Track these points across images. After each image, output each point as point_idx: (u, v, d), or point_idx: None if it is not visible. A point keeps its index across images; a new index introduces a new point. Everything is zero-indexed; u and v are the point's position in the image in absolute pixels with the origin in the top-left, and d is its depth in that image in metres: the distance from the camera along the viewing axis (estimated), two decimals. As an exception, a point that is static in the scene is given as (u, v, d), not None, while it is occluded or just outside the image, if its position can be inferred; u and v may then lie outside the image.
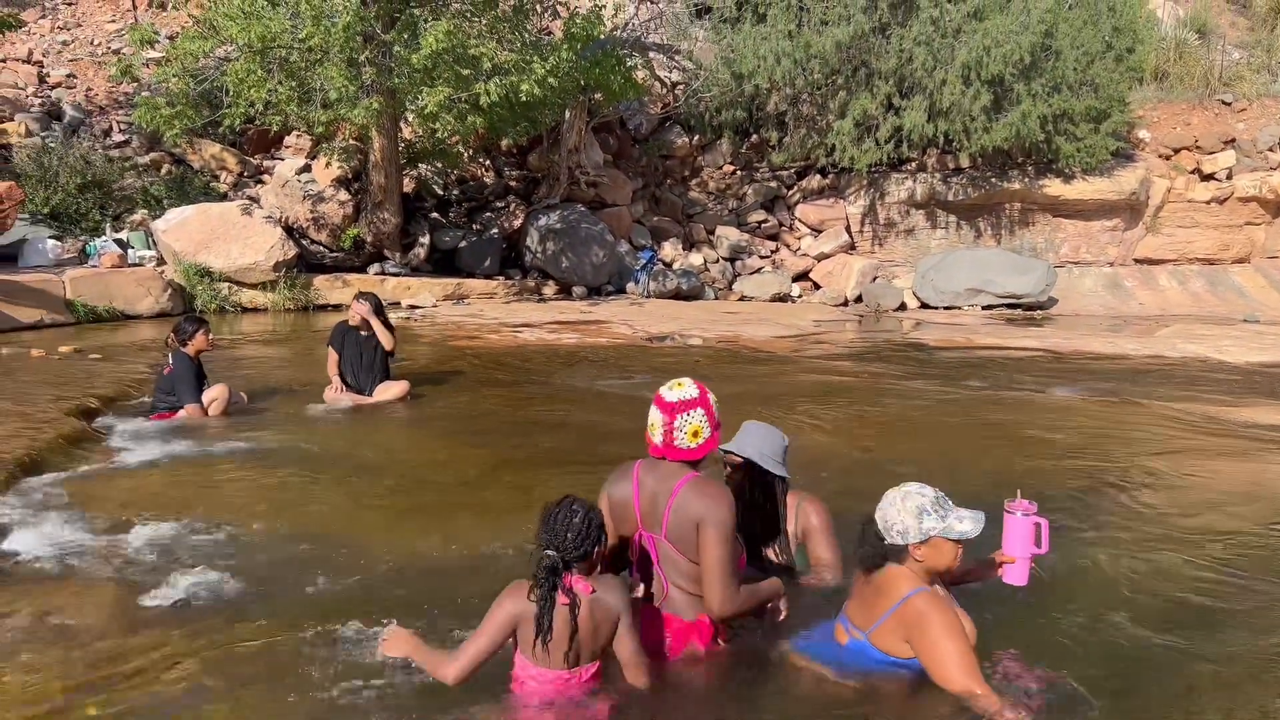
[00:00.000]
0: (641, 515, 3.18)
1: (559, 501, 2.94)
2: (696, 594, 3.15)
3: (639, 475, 3.21)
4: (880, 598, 3.05)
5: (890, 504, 3.06)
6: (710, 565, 3.03)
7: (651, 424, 3.18)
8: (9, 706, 2.96)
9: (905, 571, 3.03)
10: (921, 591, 2.99)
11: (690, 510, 3.06)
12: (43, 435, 5.85)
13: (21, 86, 15.72)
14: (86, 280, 11.53)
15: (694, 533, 3.06)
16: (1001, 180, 16.14)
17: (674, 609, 3.18)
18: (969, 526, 3.00)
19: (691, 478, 3.13)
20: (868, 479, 5.56)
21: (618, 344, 10.76)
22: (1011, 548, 3.26)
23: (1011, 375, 9.36)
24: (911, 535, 3.00)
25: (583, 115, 14.94)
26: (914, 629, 2.95)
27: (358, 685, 3.09)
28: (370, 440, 6.39)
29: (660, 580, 3.19)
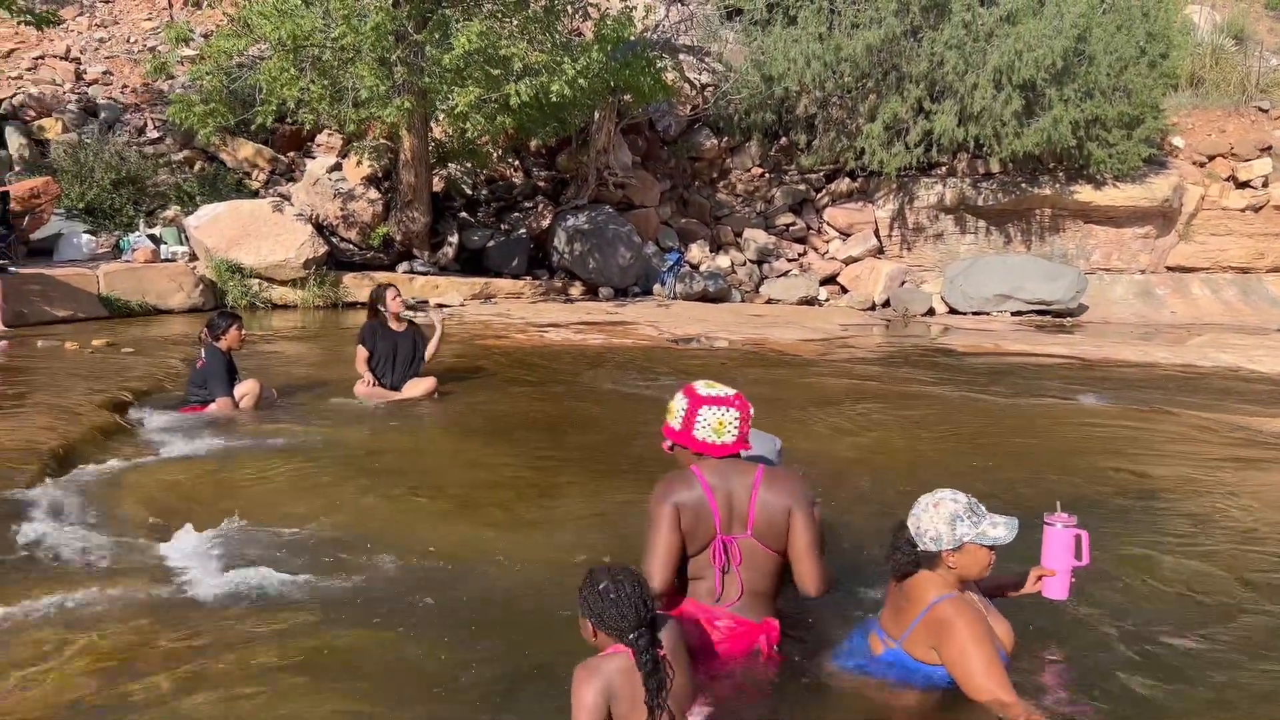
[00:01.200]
0: (721, 520, 3.13)
1: (602, 583, 2.67)
2: (768, 593, 3.18)
3: (706, 480, 3.15)
4: (910, 605, 3.04)
5: (923, 510, 3.04)
6: (809, 546, 3.13)
7: (722, 423, 3.18)
8: (37, 698, 3.00)
9: (934, 578, 3.01)
10: (948, 598, 2.96)
11: (780, 499, 3.11)
12: (77, 427, 5.93)
13: (59, 83, 15.93)
14: (120, 275, 11.67)
15: (784, 521, 3.10)
16: (1032, 186, 16.02)
17: (743, 611, 3.16)
18: (1002, 532, 2.97)
19: (763, 469, 3.17)
20: (894, 485, 5.55)
21: (643, 345, 10.77)
22: (1051, 560, 3.21)
23: (1040, 382, 9.29)
24: (945, 542, 2.98)
25: (612, 116, 14.97)
26: (940, 635, 2.93)
27: (379, 682, 3.12)
28: (398, 438, 6.43)
29: (735, 583, 3.15)
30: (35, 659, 3.20)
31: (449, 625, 3.56)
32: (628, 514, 4.85)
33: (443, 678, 3.17)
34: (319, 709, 2.97)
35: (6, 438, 5.60)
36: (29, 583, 3.79)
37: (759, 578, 3.17)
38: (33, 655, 3.22)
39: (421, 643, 3.42)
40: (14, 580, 3.82)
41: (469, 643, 3.40)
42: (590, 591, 2.69)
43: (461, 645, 3.39)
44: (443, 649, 3.37)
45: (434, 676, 3.18)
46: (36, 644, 3.30)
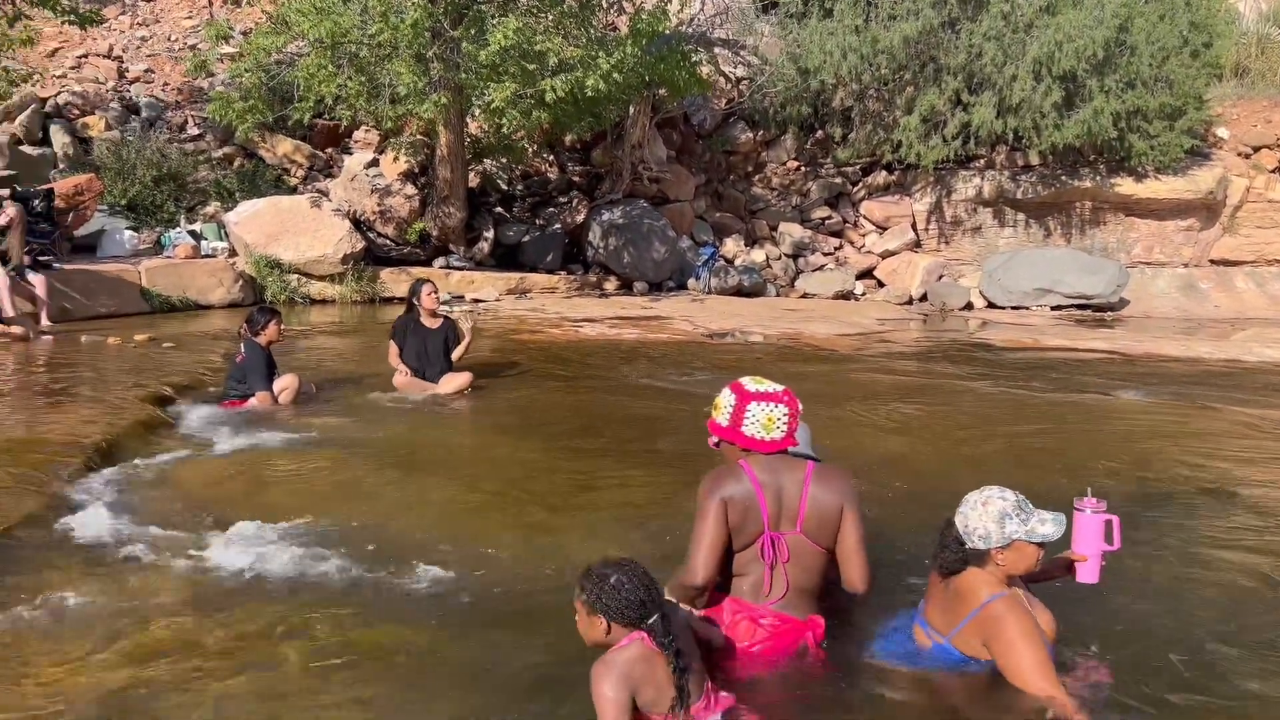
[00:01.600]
0: (770, 516, 3.12)
1: (612, 576, 2.70)
2: (814, 590, 3.18)
3: (755, 475, 3.14)
4: (960, 603, 3.04)
5: (971, 508, 3.03)
6: (857, 544, 3.13)
7: (771, 419, 3.18)
8: (75, 686, 3.04)
9: (985, 576, 3.01)
10: (1001, 596, 2.96)
11: (832, 496, 3.11)
12: (120, 421, 6.02)
13: (102, 81, 16.16)
14: (161, 270, 11.82)
15: (836, 519, 3.11)
16: (1072, 178, 15.81)
17: (788, 608, 3.15)
18: (1051, 529, 2.96)
19: (813, 465, 3.17)
20: (932, 481, 5.51)
21: (678, 340, 10.75)
22: (1083, 546, 3.21)
23: (1080, 378, 9.18)
24: (993, 540, 2.97)
25: (647, 111, 14.96)
26: (991, 633, 2.93)
27: (417, 676, 3.14)
28: (435, 432, 6.47)
29: (782, 580, 3.14)
30: (80, 650, 3.25)
31: (486, 620, 3.58)
32: (664, 508, 4.85)
33: (478, 673, 3.19)
34: (357, 703, 3.00)
35: (51, 431, 5.70)
36: (74, 574, 3.85)
37: (805, 575, 3.16)
38: (78, 646, 3.27)
39: (459, 637, 3.44)
40: (59, 571, 3.88)
41: (506, 638, 3.42)
42: (600, 588, 2.70)
43: (498, 640, 3.40)
44: (479, 644, 3.38)
45: (470, 671, 3.20)
46: (81, 635, 3.35)
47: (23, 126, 14.27)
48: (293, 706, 2.97)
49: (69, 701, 2.93)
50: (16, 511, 4.38)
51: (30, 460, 5.11)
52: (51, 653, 3.22)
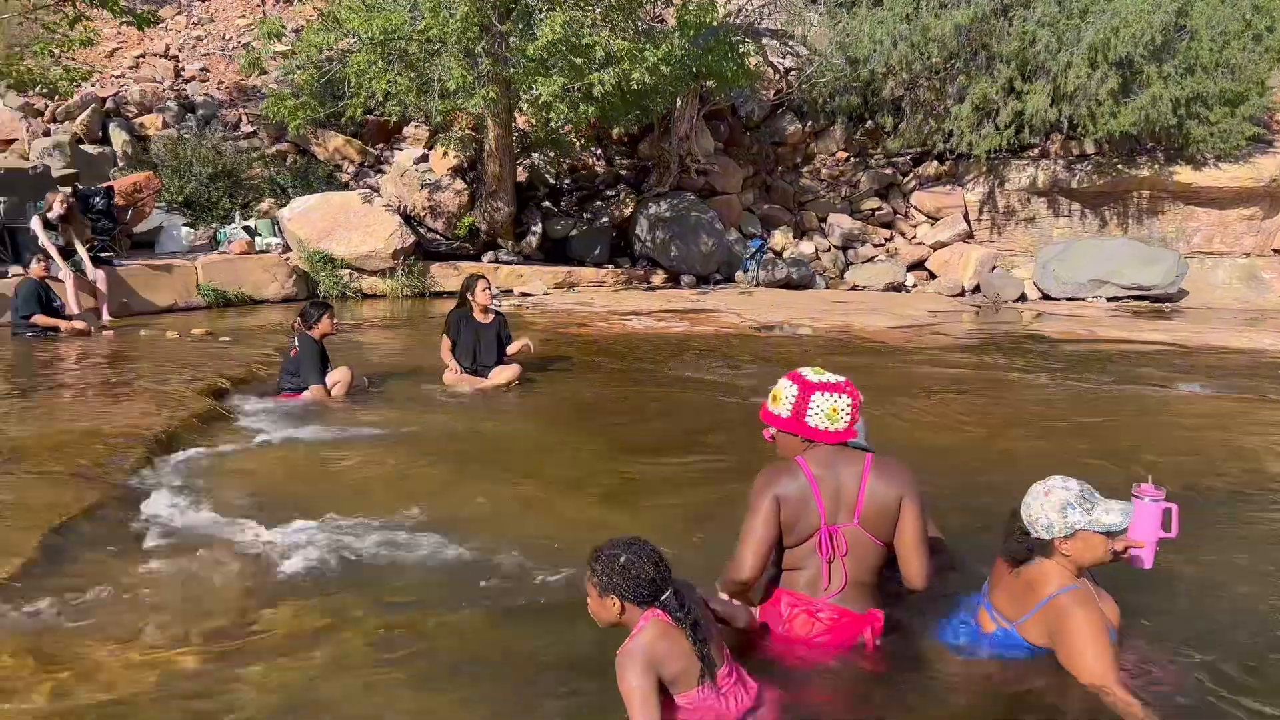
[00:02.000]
0: (827, 510, 3.09)
1: (622, 557, 2.72)
2: (872, 583, 3.16)
3: (811, 470, 3.11)
4: (1029, 593, 3.02)
5: (1034, 498, 3.02)
6: (917, 538, 3.10)
7: (835, 409, 3.15)
8: (141, 673, 3.10)
9: (1055, 567, 2.99)
10: (1071, 589, 2.94)
11: (892, 488, 3.08)
12: (178, 413, 6.14)
13: (159, 80, 16.48)
14: (217, 266, 12.03)
15: (895, 511, 3.08)
16: (1129, 167, 15.48)
17: (846, 602, 3.13)
18: (1117, 519, 2.93)
19: (872, 457, 3.14)
20: (987, 475, 5.44)
21: (725, 333, 10.72)
22: (1139, 532, 3.15)
23: (1138, 370, 9.00)
24: (1056, 529, 2.96)
25: (694, 103, 14.91)
26: (1056, 625, 2.92)
27: (469, 666, 3.16)
28: (485, 425, 6.51)
29: (840, 573, 3.12)
30: (141, 639, 3.32)
31: (537, 610, 3.60)
32: (712, 501, 4.84)
33: (530, 662, 3.20)
34: (415, 692, 3.03)
35: (113, 423, 5.82)
36: (135, 564, 3.94)
37: (863, 568, 3.13)
38: (139, 635, 3.34)
39: (510, 627, 3.46)
40: (120, 561, 3.97)
41: (556, 628, 3.43)
42: (610, 569, 2.71)
43: (551, 631, 3.42)
44: (531, 633, 3.40)
45: (521, 660, 3.22)
46: (142, 624, 3.42)
47: (83, 126, 14.60)
48: (350, 696, 3.00)
49: (131, 690, 2.99)
50: (79, 502, 4.48)
51: (92, 452, 5.22)
52: (113, 641, 3.29)
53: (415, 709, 2.96)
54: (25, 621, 3.41)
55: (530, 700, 2.99)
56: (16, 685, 2.99)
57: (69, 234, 10.28)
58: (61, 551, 4.02)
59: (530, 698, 3.00)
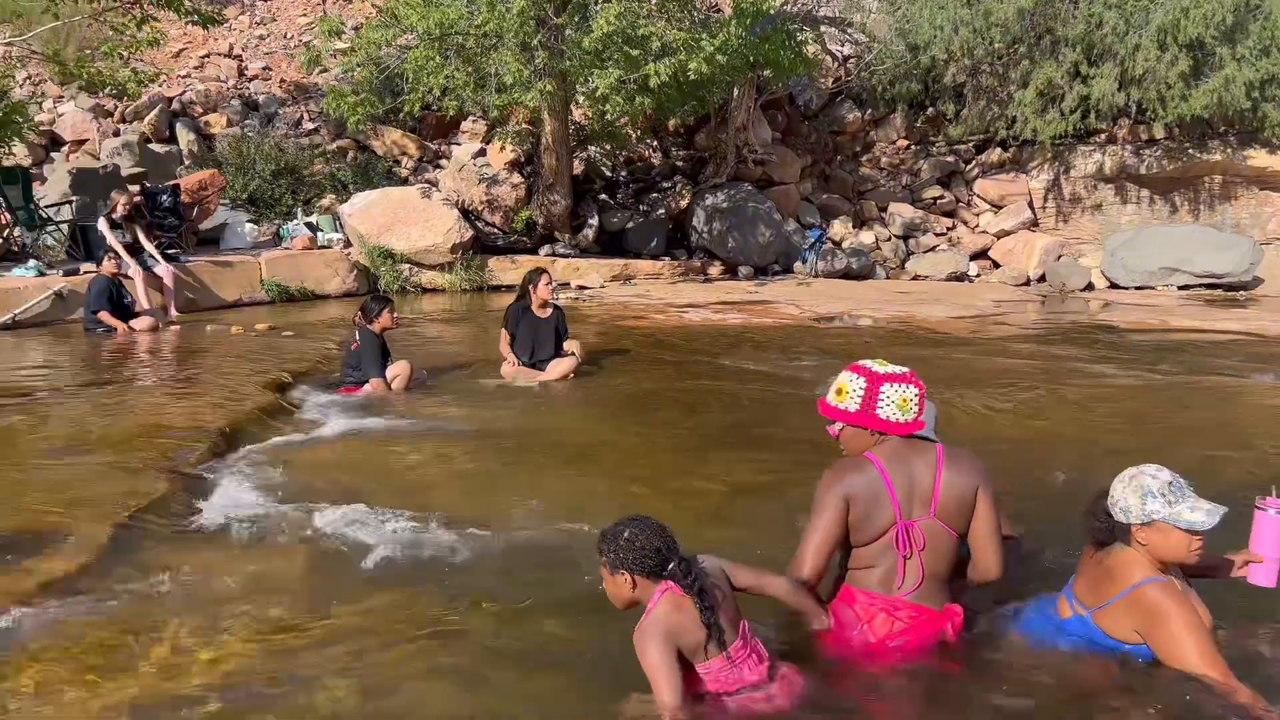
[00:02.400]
0: (901, 505, 3.02)
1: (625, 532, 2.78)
2: (948, 577, 3.09)
3: (883, 465, 3.04)
4: (1110, 581, 2.94)
5: (1120, 480, 2.94)
6: (992, 529, 3.05)
7: (905, 400, 3.08)
8: (196, 662, 3.15)
9: (1137, 557, 2.90)
10: (1155, 581, 2.84)
11: (967, 478, 3.02)
12: (242, 407, 6.24)
13: (224, 79, 16.78)
14: (280, 262, 12.21)
15: (971, 501, 3.02)
16: (1200, 151, 15.03)
17: (924, 599, 3.05)
18: (1200, 517, 2.80)
19: (943, 447, 3.08)
20: (1055, 468, 5.31)
21: (784, 325, 10.62)
22: (1261, 546, 3.01)
23: (1212, 360, 8.73)
24: (1133, 515, 2.87)
25: (751, 92, 14.78)
26: (1148, 621, 2.83)
27: (531, 657, 3.15)
28: (543, 418, 6.52)
29: (916, 569, 3.04)
30: (206, 629, 3.36)
31: (595, 603, 3.58)
32: (770, 495, 4.78)
33: (588, 654, 3.19)
34: (472, 684, 3.03)
35: (179, 417, 5.93)
36: (200, 555, 4.00)
37: (939, 561, 3.06)
38: (204, 626, 3.39)
39: (568, 619, 3.45)
40: (186, 552, 4.03)
41: (615, 621, 3.41)
42: (616, 544, 2.77)
43: (609, 623, 3.39)
44: (590, 626, 3.38)
45: (581, 653, 3.20)
46: (207, 615, 3.47)
47: (151, 125, 14.92)
48: (411, 687, 3.01)
49: (197, 680, 3.03)
50: (147, 494, 4.57)
51: (159, 445, 5.32)
52: (179, 632, 3.34)
53: (475, 700, 2.96)
54: (97, 611, 3.47)
55: (590, 691, 2.97)
56: (87, 676, 3.04)
57: (134, 231, 10.51)
58: (131, 542, 4.11)
59: (591, 689, 2.98)
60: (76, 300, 9.90)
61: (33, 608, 3.46)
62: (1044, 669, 3.03)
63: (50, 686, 2.98)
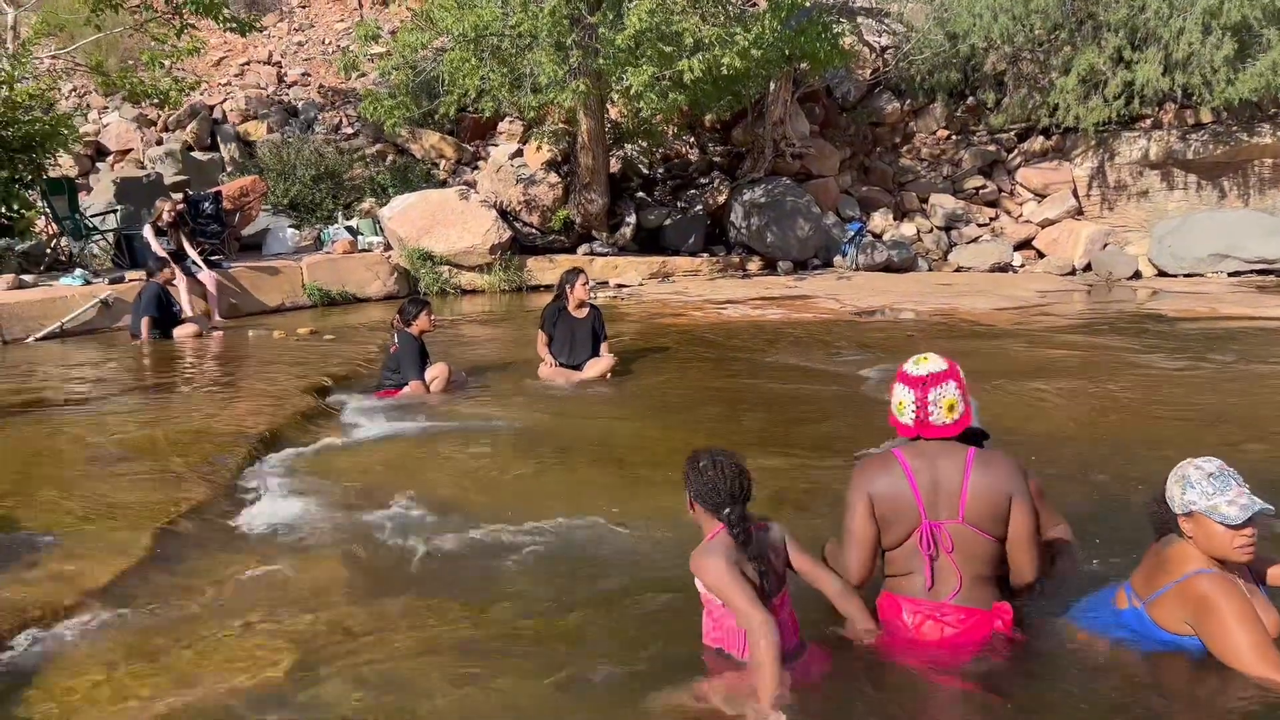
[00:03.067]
0: (925, 504, 2.97)
1: (702, 461, 2.94)
2: (992, 577, 3.03)
3: (908, 463, 3.00)
4: (1162, 572, 2.90)
5: (1174, 470, 2.91)
6: (1028, 534, 2.99)
7: (899, 403, 3.05)
8: (239, 667, 3.16)
9: (1192, 550, 2.84)
10: (1207, 573, 2.78)
11: (999, 484, 2.96)
12: (283, 411, 6.29)
13: (263, 86, 16.96)
14: (321, 266, 12.31)
15: (1004, 506, 2.96)
16: (1249, 135, 14.68)
17: (970, 601, 3.00)
18: (1234, 512, 2.72)
19: (974, 451, 3.02)
20: (1104, 462, 5.19)
21: (824, 319, 10.52)
22: None
23: (1266, 349, 8.52)
24: (1175, 505, 2.85)
25: (787, 86, 14.66)
26: (1199, 612, 2.76)
27: (569, 658, 3.13)
28: (583, 418, 6.50)
29: (951, 572, 2.99)
30: (248, 634, 3.38)
31: (637, 603, 3.55)
32: (813, 493, 4.72)
33: (629, 654, 3.16)
34: (513, 689, 3.01)
35: (221, 422, 5.99)
36: (240, 560, 4.02)
37: (979, 564, 3.00)
38: (245, 630, 3.40)
39: (606, 620, 3.44)
40: (227, 557, 4.06)
41: (658, 619, 3.38)
42: (692, 468, 2.93)
43: (652, 621, 3.38)
44: (631, 625, 3.36)
45: (620, 654, 3.17)
46: (248, 619, 3.48)
47: (193, 134, 15.13)
48: (452, 691, 3.00)
49: (239, 687, 3.04)
50: (188, 500, 4.61)
51: (201, 450, 5.37)
52: (220, 637, 3.35)
53: (517, 704, 2.94)
54: (138, 618, 3.50)
55: (629, 693, 2.94)
56: (129, 681, 3.07)
57: (178, 239, 10.64)
58: (172, 548, 4.14)
59: (629, 690, 2.95)
60: (123, 308, 10.04)
61: (74, 615, 3.49)
62: (1089, 665, 2.97)
63: (92, 695, 3.01)
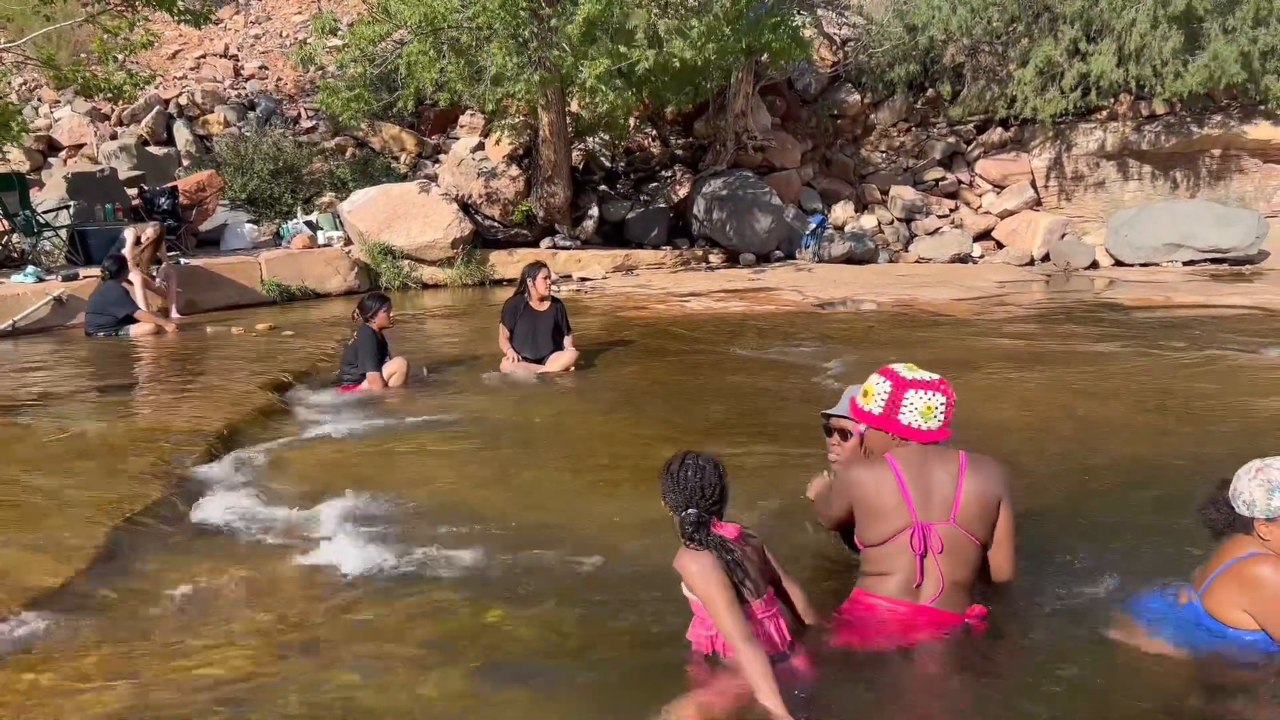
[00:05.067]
0: (916, 505, 3.02)
1: (680, 461, 2.92)
2: (968, 583, 3.09)
3: (899, 467, 3.05)
4: (1216, 558, 2.89)
5: (1246, 472, 2.89)
6: (1010, 535, 3.09)
7: (930, 408, 3.09)
8: (193, 664, 3.12)
9: (1253, 542, 2.83)
10: (1261, 553, 2.78)
11: (991, 487, 3.04)
12: (241, 409, 6.22)
13: (220, 80, 16.74)
14: (280, 261, 12.18)
15: (994, 509, 3.05)
16: (1201, 126, 14.90)
17: (947, 606, 3.04)
18: None
19: (966, 455, 3.08)
20: (1061, 451, 5.26)
21: (786, 311, 10.56)
22: None
23: (1218, 335, 8.66)
24: (1258, 509, 2.82)
25: (749, 78, 14.68)
26: (1253, 593, 2.75)
27: (525, 653, 3.13)
28: (543, 412, 6.48)
29: (935, 574, 3.02)
30: (203, 635, 3.34)
31: (589, 597, 3.55)
32: (775, 485, 4.74)
33: (579, 649, 3.16)
34: (473, 688, 3.00)
35: (177, 419, 5.92)
36: (196, 559, 3.97)
37: (961, 567, 3.05)
38: (200, 631, 3.37)
39: (566, 615, 3.43)
40: (183, 556, 4.01)
41: (611, 615, 3.38)
42: (667, 472, 2.90)
43: (604, 617, 3.37)
44: (583, 621, 3.36)
45: (574, 648, 3.18)
46: (204, 620, 3.45)
47: (148, 128, 14.91)
48: (404, 690, 2.98)
49: (192, 684, 3.01)
50: (143, 498, 4.55)
51: (157, 449, 5.31)
52: (175, 638, 3.31)
53: (472, 705, 2.93)
54: (92, 616, 3.45)
55: (583, 689, 2.94)
56: (81, 684, 3.02)
57: (148, 257, 10.39)
58: (127, 546, 4.08)
59: (597, 690, 2.95)
60: (76, 305, 9.88)
61: (27, 613, 3.43)
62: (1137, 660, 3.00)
63: (43, 693, 2.96)
